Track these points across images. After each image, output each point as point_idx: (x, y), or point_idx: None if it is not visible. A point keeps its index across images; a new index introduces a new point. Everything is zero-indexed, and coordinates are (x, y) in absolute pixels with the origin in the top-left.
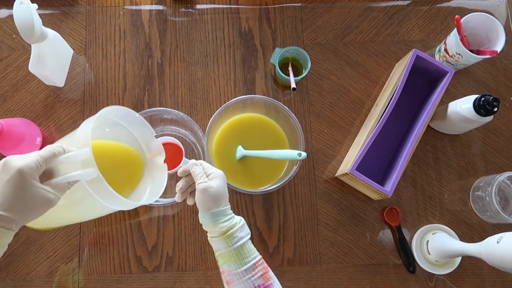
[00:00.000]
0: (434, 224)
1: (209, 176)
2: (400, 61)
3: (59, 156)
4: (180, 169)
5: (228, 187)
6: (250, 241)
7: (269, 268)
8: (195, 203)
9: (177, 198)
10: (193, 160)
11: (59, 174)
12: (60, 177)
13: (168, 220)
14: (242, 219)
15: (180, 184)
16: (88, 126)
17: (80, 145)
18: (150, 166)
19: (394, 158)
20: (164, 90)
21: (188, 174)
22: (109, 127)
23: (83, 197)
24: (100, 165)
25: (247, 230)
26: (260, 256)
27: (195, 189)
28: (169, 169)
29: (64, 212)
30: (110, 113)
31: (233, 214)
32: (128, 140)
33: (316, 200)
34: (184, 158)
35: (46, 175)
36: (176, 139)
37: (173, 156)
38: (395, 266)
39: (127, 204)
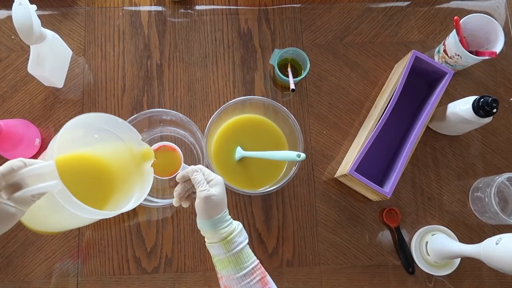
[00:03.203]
0: (433, 225)
1: (209, 183)
2: (399, 62)
3: (18, 171)
4: (178, 174)
5: (227, 188)
6: (248, 245)
7: (266, 273)
8: (190, 205)
9: (175, 202)
10: (192, 166)
11: (27, 187)
12: (20, 191)
13: (167, 221)
14: (240, 223)
15: (178, 190)
16: (55, 138)
17: (48, 157)
18: (142, 170)
19: (393, 159)
20: (163, 91)
21: (186, 180)
22: (98, 133)
23: (61, 208)
24: (74, 177)
25: (245, 235)
26: (258, 261)
27: (191, 193)
28: (167, 175)
29: (54, 221)
30: (87, 120)
31: (231, 218)
32: (118, 145)
33: (315, 201)
34: (183, 164)
35: (15, 188)
36: (174, 144)
37: (171, 161)
38: (394, 267)
39: (100, 214)
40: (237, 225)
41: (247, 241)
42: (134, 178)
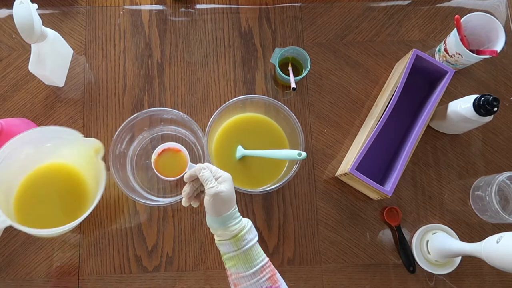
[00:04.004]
0: (434, 224)
1: (218, 180)
2: (400, 61)
3: None
4: (186, 174)
5: None
6: (258, 243)
7: (276, 270)
8: (199, 204)
9: (184, 203)
10: (200, 164)
11: None
12: None
13: (168, 220)
14: (250, 221)
15: (187, 190)
16: None
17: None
18: (98, 165)
19: (394, 158)
20: (164, 90)
21: (194, 179)
22: (50, 142)
23: None
24: (47, 186)
25: (255, 232)
26: (267, 259)
27: (200, 192)
28: (174, 176)
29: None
30: (29, 136)
31: (241, 216)
32: (73, 146)
33: (316, 200)
34: (189, 163)
35: None
36: (179, 145)
37: (177, 162)
38: (395, 266)
39: (61, 229)
40: (246, 223)
41: (257, 238)
42: (98, 174)
